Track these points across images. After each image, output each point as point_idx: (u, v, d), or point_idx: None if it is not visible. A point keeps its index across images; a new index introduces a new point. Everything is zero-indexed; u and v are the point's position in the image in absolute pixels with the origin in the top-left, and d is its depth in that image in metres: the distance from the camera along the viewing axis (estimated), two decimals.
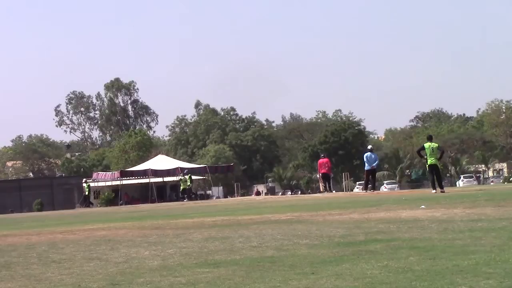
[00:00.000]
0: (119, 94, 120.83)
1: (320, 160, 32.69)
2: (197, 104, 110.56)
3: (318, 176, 32.61)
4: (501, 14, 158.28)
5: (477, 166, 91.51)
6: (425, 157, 22.77)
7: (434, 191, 21.98)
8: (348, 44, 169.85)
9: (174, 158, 78.48)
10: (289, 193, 73.16)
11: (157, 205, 41.22)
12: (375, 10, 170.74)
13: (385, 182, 75.80)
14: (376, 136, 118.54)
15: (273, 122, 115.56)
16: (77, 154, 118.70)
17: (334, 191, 34.00)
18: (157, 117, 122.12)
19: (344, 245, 8.23)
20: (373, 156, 28.42)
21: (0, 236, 13.89)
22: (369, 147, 31.21)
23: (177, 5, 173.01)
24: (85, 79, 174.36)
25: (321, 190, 32.55)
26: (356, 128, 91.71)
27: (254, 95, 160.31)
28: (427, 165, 23.08)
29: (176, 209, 25.46)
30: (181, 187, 51.96)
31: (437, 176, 22.86)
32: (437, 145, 23.31)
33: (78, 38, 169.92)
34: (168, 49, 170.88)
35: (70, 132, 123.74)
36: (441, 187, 22.61)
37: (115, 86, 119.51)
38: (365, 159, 28.29)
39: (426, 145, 22.70)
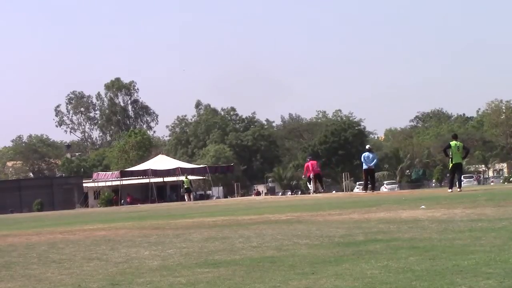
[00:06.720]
0: (119, 94, 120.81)
1: (312, 162, 32.79)
2: (198, 104, 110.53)
3: (311, 176, 32.57)
4: (501, 13, 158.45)
5: (477, 166, 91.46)
6: (450, 155, 22.45)
7: (450, 190, 21.71)
8: (348, 44, 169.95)
9: (174, 158, 78.53)
10: (289, 193, 73.11)
11: (157, 205, 41.28)
12: (375, 10, 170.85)
13: (385, 182, 75.73)
14: (376, 136, 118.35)
15: (273, 122, 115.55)
16: (77, 154, 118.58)
17: (323, 190, 34.11)
18: (157, 117, 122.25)
19: (344, 245, 8.23)
20: (371, 155, 28.31)
21: (0, 236, 13.89)
22: (367, 146, 31.07)
23: (177, 5, 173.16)
24: (85, 79, 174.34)
25: (313, 190, 32.51)
26: (356, 128, 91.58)
27: (254, 95, 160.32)
28: (451, 164, 22.63)
29: (176, 209, 25.48)
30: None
31: (458, 175, 22.84)
32: (462, 144, 23.24)
33: (78, 38, 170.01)
34: (168, 49, 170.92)
35: (70, 132, 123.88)
36: (460, 186, 22.37)
37: (115, 86, 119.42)
38: (363, 159, 28.21)
39: (452, 143, 22.39)
